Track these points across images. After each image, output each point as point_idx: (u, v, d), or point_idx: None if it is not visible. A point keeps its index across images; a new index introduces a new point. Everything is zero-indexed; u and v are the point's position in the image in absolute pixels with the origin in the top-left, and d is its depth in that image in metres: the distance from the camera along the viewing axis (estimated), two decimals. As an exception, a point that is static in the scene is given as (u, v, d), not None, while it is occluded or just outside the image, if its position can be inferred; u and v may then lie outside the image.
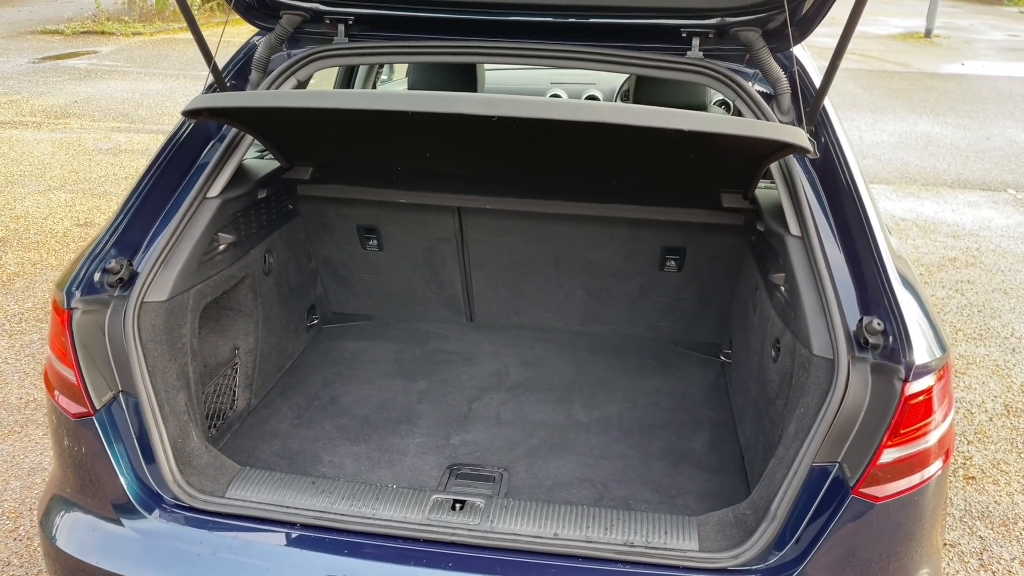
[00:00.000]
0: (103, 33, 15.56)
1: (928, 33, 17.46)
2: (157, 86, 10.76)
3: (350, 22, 2.39)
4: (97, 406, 1.90)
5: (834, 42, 1.84)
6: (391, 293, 3.21)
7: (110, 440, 1.88)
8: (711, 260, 2.85)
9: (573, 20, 2.36)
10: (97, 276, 1.97)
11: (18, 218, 5.92)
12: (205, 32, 2.11)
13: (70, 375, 1.91)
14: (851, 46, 1.84)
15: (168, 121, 8.95)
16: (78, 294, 1.93)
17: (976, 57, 15.04)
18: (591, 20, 2.34)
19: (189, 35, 2.14)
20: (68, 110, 9.26)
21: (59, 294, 1.95)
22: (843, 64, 1.88)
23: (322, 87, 3.83)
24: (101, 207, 6.19)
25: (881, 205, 6.62)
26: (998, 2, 27.01)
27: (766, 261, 2.35)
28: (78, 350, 1.90)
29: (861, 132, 9.04)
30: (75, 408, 1.92)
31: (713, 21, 2.21)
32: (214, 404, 2.41)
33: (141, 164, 7.44)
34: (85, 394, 1.89)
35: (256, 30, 2.54)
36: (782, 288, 2.15)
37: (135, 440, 1.89)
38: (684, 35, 2.26)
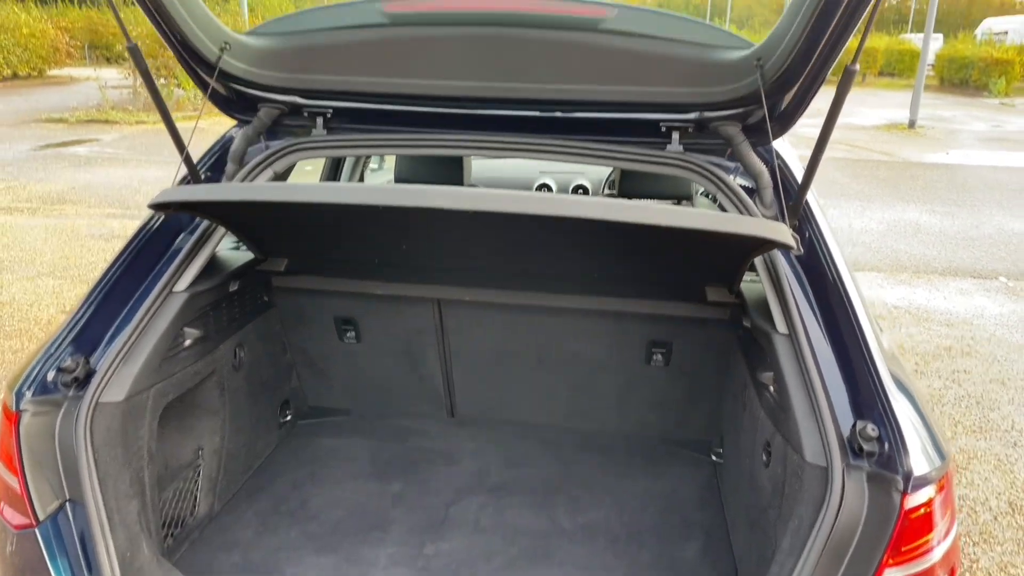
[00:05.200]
0: (107, 122, 15.89)
1: (912, 124, 17.95)
2: (156, 173, 10.88)
3: (328, 115, 2.37)
4: (41, 517, 1.77)
5: (817, 131, 1.80)
6: (369, 386, 3.11)
7: (53, 554, 1.74)
8: (699, 354, 2.76)
9: (557, 115, 2.36)
10: (51, 375, 1.88)
11: (3, 304, 5.85)
12: (205, 123, 2.10)
13: (14, 483, 1.79)
14: (837, 136, 1.82)
15: (162, 207, 8.98)
16: (29, 395, 1.83)
17: (960, 147, 15.39)
18: (574, 115, 2.33)
19: (192, 124, 2.13)
20: (65, 196, 9.32)
21: (8, 395, 1.85)
22: (830, 153, 1.86)
23: (308, 178, 3.83)
24: (87, 294, 6.13)
25: (873, 293, 6.59)
26: (979, 94, 27.91)
27: (754, 358, 2.27)
28: (24, 456, 1.79)
29: (850, 219, 9.11)
30: (18, 519, 1.79)
31: (692, 116, 2.20)
32: (173, 510, 2.27)
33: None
34: (29, 504, 1.77)
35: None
36: (771, 388, 2.06)
37: (80, 554, 1.75)
38: (664, 129, 2.24)
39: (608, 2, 2.16)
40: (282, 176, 2.42)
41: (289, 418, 3.00)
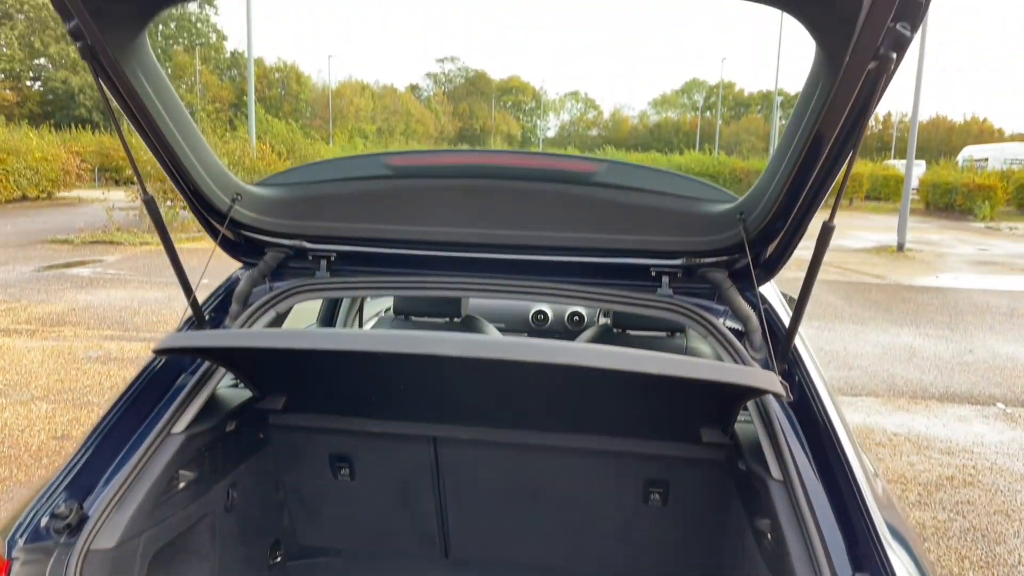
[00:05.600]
0: (112, 243, 16.19)
1: (900, 247, 18.38)
2: (156, 294, 11.00)
3: (332, 258, 2.46)
4: (21, 674, 1.72)
5: (809, 254, 1.87)
6: (362, 525, 3.05)
7: None
8: (696, 495, 2.74)
9: (551, 259, 2.44)
10: (44, 520, 1.86)
11: (-6, 430, 5.80)
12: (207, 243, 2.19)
13: (-2, 636, 1.75)
14: (828, 258, 1.88)
15: (162, 328, 9.06)
16: (21, 542, 1.81)
17: (950, 270, 15.70)
18: (567, 259, 2.42)
19: (196, 246, 2.21)
20: (64, 318, 9.39)
21: (0, 543, 1.83)
22: (822, 276, 1.91)
23: (307, 312, 3.90)
24: (80, 418, 6.09)
25: (872, 419, 6.57)
26: (964, 218, 28.73)
27: (750, 502, 2.26)
28: None
29: (845, 343, 9.18)
30: (-3, 675, 1.74)
31: (679, 262, 2.28)
32: None
33: (128, 373, 7.43)
34: (10, 659, 1.72)
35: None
36: (768, 536, 2.04)
37: None
38: (654, 274, 2.33)
39: (599, 157, 2.30)
40: (284, 316, 2.47)
41: (279, 559, 2.93)
